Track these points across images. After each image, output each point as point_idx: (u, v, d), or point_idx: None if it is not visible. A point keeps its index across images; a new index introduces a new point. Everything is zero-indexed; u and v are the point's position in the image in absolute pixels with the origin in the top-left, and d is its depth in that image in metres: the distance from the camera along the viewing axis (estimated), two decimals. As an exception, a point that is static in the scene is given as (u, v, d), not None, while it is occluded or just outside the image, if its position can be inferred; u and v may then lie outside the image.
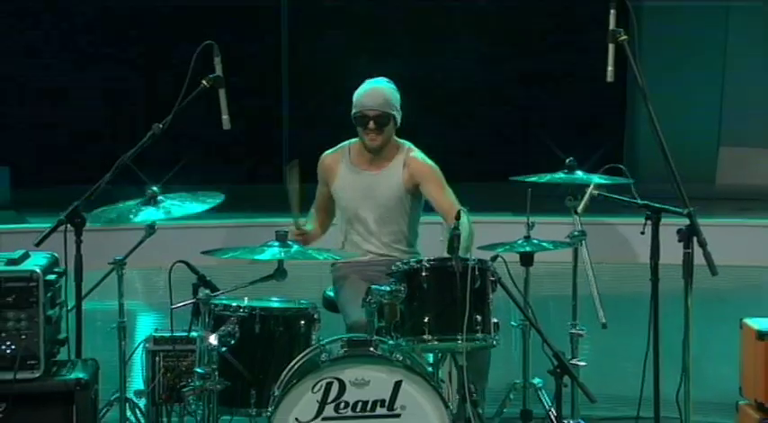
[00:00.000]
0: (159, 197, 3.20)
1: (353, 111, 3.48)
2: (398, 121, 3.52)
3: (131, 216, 3.23)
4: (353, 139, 3.66)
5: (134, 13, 7.73)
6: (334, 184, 3.58)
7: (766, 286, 2.01)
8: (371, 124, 3.40)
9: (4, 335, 2.52)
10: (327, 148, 3.69)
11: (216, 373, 2.88)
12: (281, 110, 7.74)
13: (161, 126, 2.98)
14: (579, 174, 3.24)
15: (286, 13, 7.99)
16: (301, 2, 8.04)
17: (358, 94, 3.48)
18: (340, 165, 3.58)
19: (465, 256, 2.96)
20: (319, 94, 7.02)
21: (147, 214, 3.20)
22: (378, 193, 3.55)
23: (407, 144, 3.62)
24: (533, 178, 3.35)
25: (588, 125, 7.56)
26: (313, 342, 3.00)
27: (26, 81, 7.87)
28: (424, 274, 2.87)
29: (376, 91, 3.46)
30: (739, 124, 7.92)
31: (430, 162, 3.59)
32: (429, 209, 3.68)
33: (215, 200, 3.27)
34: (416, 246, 3.59)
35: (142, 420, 3.46)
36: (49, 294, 2.58)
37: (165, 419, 3.46)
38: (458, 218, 3.10)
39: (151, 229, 3.21)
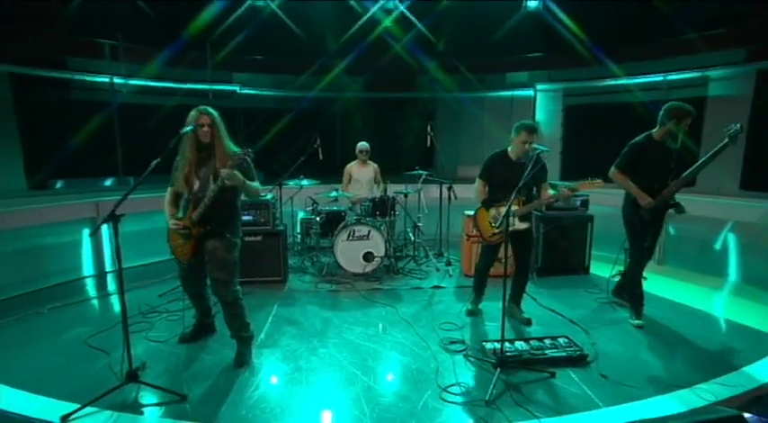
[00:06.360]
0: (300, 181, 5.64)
1: (357, 150, 5.94)
2: (370, 153, 5.92)
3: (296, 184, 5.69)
4: (354, 161, 5.98)
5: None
6: (355, 173, 5.86)
7: (473, 202, 3.38)
8: (363, 155, 5.88)
9: (267, 217, 5.06)
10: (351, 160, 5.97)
11: (320, 226, 5.59)
12: (336, 147, 10.70)
13: (307, 152, 5.56)
14: (419, 171, 5.79)
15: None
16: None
17: (358, 145, 5.97)
18: (354, 167, 6.00)
19: (384, 194, 5.32)
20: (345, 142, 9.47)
21: (298, 183, 5.71)
22: (368, 176, 5.93)
23: (370, 161, 5.99)
24: (409, 172, 5.83)
25: (423, 154, 8.63)
26: (346, 220, 5.51)
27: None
28: (377, 200, 5.29)
29: (364, 145, 5.98)
30: (469, 154, 11.14)
31: (376, 165, 5.95)
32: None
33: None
34: (375, 192, 5.86)
35: (299, 240, 6.11)
36: (272, 206, 4.92)
37: (306, 240, 6.08)
38: (383, 186, 5.62)
39: (300, 187, 5.78)
